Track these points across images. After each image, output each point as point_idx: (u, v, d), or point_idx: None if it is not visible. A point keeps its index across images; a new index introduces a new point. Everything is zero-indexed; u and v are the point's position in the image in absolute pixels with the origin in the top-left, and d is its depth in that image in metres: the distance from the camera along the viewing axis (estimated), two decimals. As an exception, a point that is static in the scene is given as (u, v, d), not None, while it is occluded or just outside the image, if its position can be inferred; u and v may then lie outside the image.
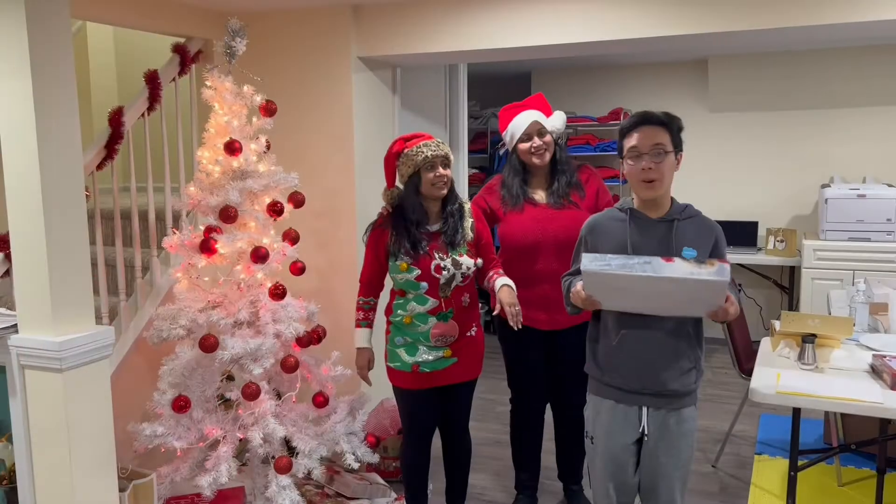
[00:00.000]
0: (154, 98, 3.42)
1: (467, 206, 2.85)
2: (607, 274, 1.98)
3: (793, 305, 5.75)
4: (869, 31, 3.15)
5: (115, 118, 3.22)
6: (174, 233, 3.08)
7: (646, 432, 2.19)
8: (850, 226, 5.05)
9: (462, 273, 2.73)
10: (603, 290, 2.09)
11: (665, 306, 2.09)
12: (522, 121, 2.87)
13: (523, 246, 2.88)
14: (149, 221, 3.49)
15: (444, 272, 2.70)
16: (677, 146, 2.17)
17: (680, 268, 1.94)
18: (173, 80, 3.58)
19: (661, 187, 2.14)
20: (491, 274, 2.82)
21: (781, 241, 5.51)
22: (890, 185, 5.18)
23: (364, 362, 2.88)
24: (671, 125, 2.16)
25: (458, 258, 2.72)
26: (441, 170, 2.69)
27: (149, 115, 3.43)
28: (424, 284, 2.70)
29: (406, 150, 2.72)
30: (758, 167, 5.93)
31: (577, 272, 2.23)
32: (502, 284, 2.72)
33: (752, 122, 5.91)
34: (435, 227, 2.76)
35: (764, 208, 5.92)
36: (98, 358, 2.43)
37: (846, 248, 5.03)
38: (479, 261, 2.78)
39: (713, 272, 1.92)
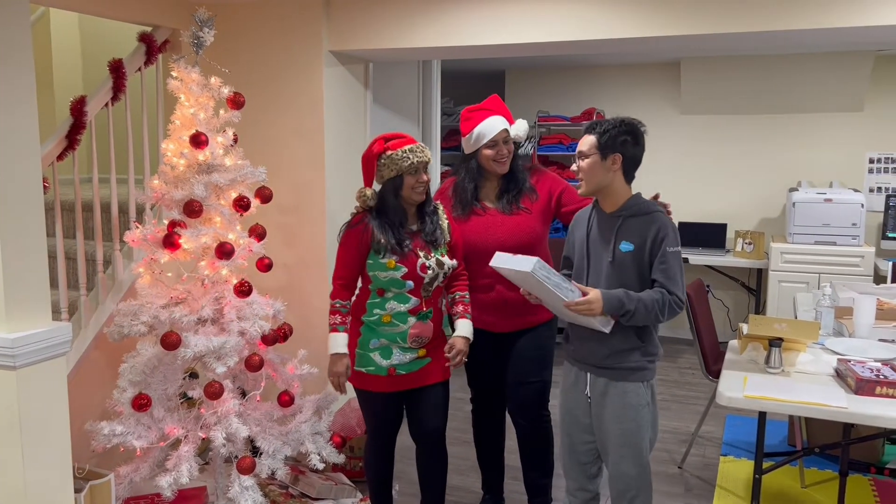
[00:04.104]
0: (118, 88, 3.33)
1: (440, 206, 2.81)
2: (500, 268, 2.36)
3: (760, 307, 5.81)
4: (838, 37, 3.18)
5: (77, 108, 3.13)
6: (136, 226, 3.01)
7: (588, 395, 2.48)
8: (816, 229, 5.11)
9: (444, 273, 2.72)
10: (520, 285, 2.43)
11: (558, 308, 2.38)
12: (491, 127, 2.81)
13: (473, 251, 2.85)
14: (111, 214, 3.41)
15: (429, 271, 2.68)
16: (605, 150, 2.35)
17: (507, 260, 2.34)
18: (139, 69, 3.49)
19: (584, 186, 2.40)
20: (457, 299, 2.82)
21: (750, 244, 5.56)
22: (856, 190, 5.25)
23: (342, 369, 2.72)
24: (599, 131, 2.36)
25: (440, 258, 2.71)
26: (424, 175, 2.67)
27: (113, 105, 3.35)
28: (410, 283, 2.67)
29: (390, 153, 2.65)
30: (728, 170, 5.99)
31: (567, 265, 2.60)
32: (463, 335, 2.77)
33: (723, 124, 5.96)
34: (414, 227, 2.73)
35: (733, 210, 5.98)
36: (54, 355, 2.34)
37: (812, 251, 5.10)
38: (455, 261, 2.76)
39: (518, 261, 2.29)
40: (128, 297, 3.25)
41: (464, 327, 2.80)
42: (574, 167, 2.44)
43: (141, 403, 2.83)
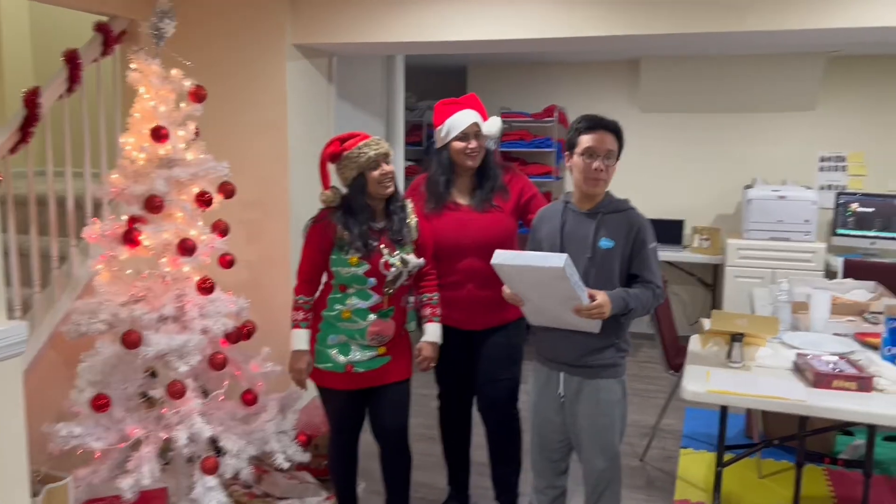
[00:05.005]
0: (74, 79, 3.23)
1: (409, 203, 2.80)
2: (507, 265, 2.30)
3: (716, 302, 5.93)
4: (792, 38, 3.28)
5: (31, 99, 3.03)
6: (95, 222, 2.92)
7: (562, 394, 2.49)
8: (771, 226, 5.23)
9: (408, 271, 2.69)
10: (514, 286, 2.40)
11: (556, 310, 2.34)
12: (462, 119, 2.81)
13: (445, 248, 2.84)
14: (67, 208, 3.31)
15: (393, 269, 2.65)
16: (620, 151, 2.46)
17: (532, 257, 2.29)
18: (95, 60, 3.40)
19: (605, 186, 2.45)
20: (425, 301, 2.82)
21: (706, 240, 5.67)
22: (808, 188, 5.39)
23: (303, 365, 2.71)
24: (620, 134, 2.44)
25: (405, 256, 2.68)
26: (385, 166, 2.64)
27: (68, 96, 3.25)
28: (372, 280, 2.65)
29: (346, 153, 2.64)
30: (685, 167, 6.08)
31: None
32: (431, 340, 2.79)
33: (681, 122, 6.06)
34: (380, 225, 2.71)
35: (690, 207, 6.07)
36: (9, 355, 2.27)
37: (767, 247, 5.22)
38: (422, 260, 2.74)
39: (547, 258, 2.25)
40: (84, 295, 3.17)
41: (432, 332, 2.80)
42: (598, 165, 2.36)
43: (100, 404, 2.76)
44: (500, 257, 2.31)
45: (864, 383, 2.45)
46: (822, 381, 2.48)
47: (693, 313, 6.16)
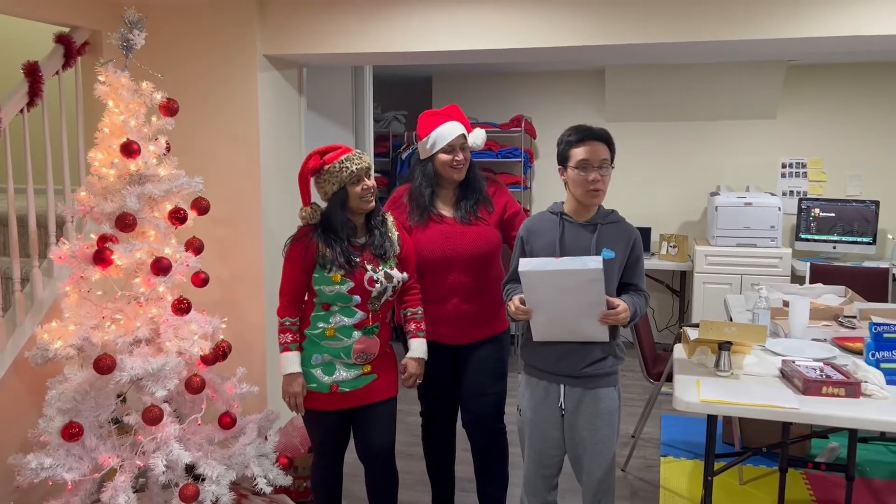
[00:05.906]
0: (35, 92, 3.10)
1: (390, 217, 2.74)
2: (542, 271, 2.27)
3: (684, 308, 5.99)
4: (753, 47, 3.33)
5: (-10, 114, 2.89)
6: (63, 242, 2.78)
7: (563, 407, 2.46)
8: (737, 232, 5.31)
9: (393, 287, 2.63)
10: (537, 295, 2.33)
11: (574, 319, 2.34)
12: (449, 131, 2.76)
13: (431, 261, 2.80)
14: (29, 228, 3.16)
15: (377, 285, 2.59)
16: (612, 159, 2.44)
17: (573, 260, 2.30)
18: (56, 73, 3.26)
19: (604, 196, 2.42)
20: (409, 316, 2.77)
21: (674, 247, 5.72)
22: (772, 194, 5.49)
23: (298, 388, 2.62)
24: (611, 142, 2.42)
25: (389, 271, 2.63)
26: (367, 181, 2.58)
27: (29, 111, 3.11)
28: (357, 297, 2.58)
29: (327, 167, 2.57)
30: (650, 175, 6.15)
31: (516, 278, 2.46)
32: (416, 356, 2.75)
33: (646, 131, 6.12)
34: (362, 240, 2.65)
35: (656, 215, 6.14)
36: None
37: (734, 253, 5.30)
38: (405, 274, 2.69)
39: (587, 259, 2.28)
40: (50, 318, 3.02)
41: (417, 348, 2.75)
42: (595, 176, 2.34)
43: (72, 433, 2.62)
44: (529, 265, 2.29)
45: (852, 389, 2.46)
46: (811, 387, 2.48)
47: (662, 320, 6.21)
